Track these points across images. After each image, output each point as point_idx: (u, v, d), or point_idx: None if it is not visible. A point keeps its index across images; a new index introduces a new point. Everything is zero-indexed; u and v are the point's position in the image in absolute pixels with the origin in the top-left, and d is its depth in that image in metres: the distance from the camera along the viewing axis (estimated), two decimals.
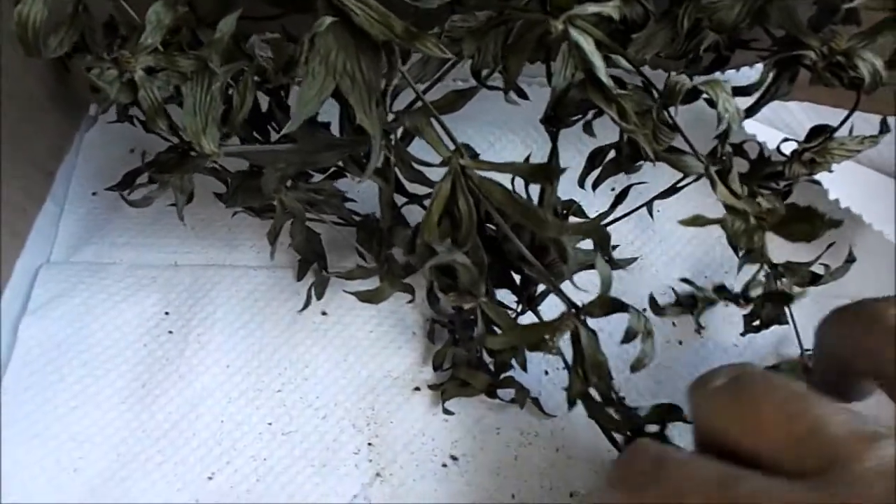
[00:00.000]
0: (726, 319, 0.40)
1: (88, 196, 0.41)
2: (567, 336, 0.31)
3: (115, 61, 0.24)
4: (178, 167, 0.28)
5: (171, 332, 0.37)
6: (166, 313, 0.38)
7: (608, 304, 0.29)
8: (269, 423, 0.35)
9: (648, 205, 0.36)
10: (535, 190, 0.32)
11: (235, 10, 0.26)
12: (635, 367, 0.30)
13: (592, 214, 0.34)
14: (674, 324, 0.40)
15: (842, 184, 0.39)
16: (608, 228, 0.37)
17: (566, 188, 0.34)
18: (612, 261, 0.32)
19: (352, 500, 0.34)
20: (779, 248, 0.35)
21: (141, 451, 0.34)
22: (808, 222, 0.25)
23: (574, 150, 0.40)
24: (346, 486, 0.34)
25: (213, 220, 0.40)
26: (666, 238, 0.42)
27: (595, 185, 0.35)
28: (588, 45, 0.24)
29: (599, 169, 0.35)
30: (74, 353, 0.36)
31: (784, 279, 0.34)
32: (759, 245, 0.26)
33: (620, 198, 0.35)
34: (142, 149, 0.34)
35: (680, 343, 0.40)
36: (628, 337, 0.30)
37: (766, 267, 0.33)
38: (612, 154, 0.34)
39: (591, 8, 0.24)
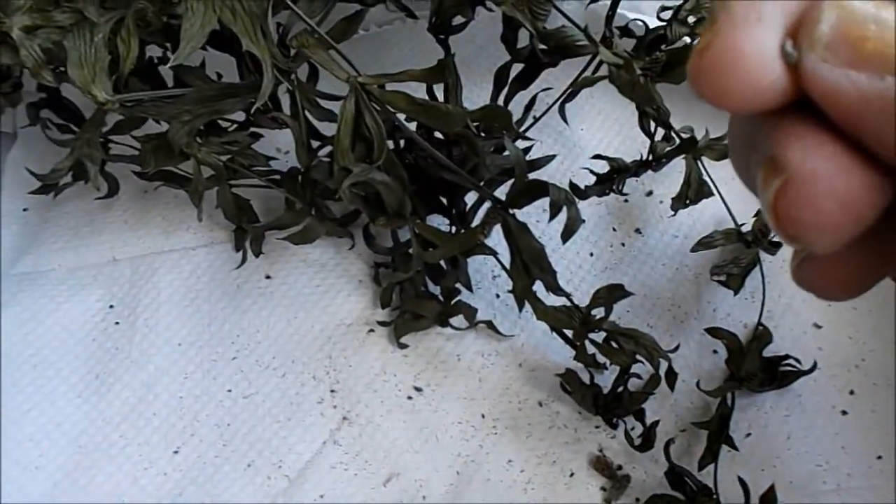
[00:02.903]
0: (664, 216, 0.41)
1: (20, 213, 0.41)
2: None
3: None
4: (86, 130, 0.28)
5: (117, 322, 0.37)
6: (111, 306, 0.37)
7: (528, 188, 0.30)
8: (229, 390, 0.35)
9: (560, 108, 0.37)
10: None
11: None
12: (564, 235, 0.30)
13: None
14: (614, 229, 0.41)
15: None
16: (530, 145, 0.38)
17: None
18: (528, 163, 0.32)
19: (321, 446, 0.34)
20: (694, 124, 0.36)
21: (103, 439, 0.34)
22: (686, 63, 0.26)
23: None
24: (315, 434, 0.34)
25: (146, 210, 0.40)
26: (590, 142, 0.43)
27: (506, 102, 0.36)
28: None
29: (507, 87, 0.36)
30: (24, 357, 0.36)
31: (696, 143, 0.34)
32: (648, 95, 0.26)
33: (530, 105, 0.36)
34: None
35: (623, 245, 0.40)
36: (553, 211, 0.30)
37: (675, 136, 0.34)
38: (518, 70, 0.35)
39: None
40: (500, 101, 0.36)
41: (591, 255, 0.40)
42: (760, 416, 0.35)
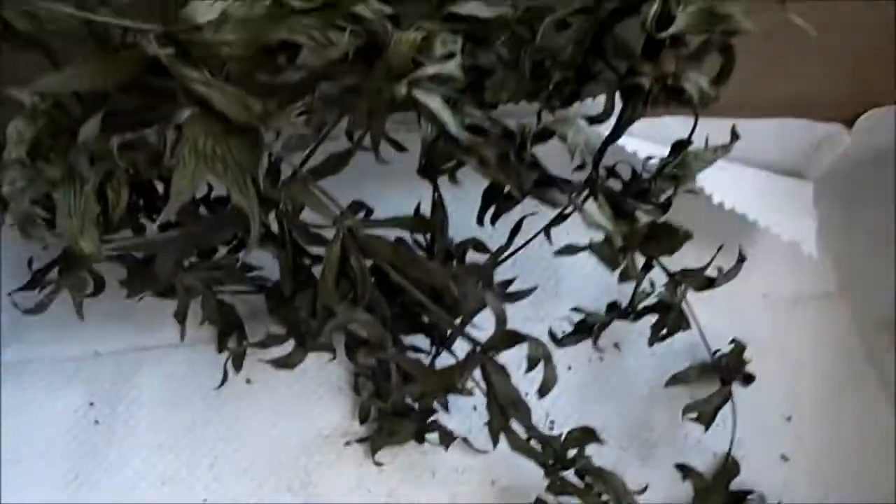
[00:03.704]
0: (642, 333, 0.41)
1: (6, 297, 0.41)
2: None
3: None
4: (70, 265, 0.29)
5: (97, 421, 0.37)
6: (91, 404, 0.38)
7: (506, 338, 0.31)
8: (204, 499, 0.36)
9: (546, 233, 0.37)
10: None
11: (97, 113, 0.26)
12: (542, 391, 0.31)
13: (496, 247, 0.36)
14: (593, 343, 0.41)
15: (733, 189, 0.41)
16: (518, 258, 0.39)
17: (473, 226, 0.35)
18: (507, 295, 0.33)
19: None
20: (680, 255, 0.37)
21: None
22: (668, 237, 0.26)
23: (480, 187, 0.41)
24: None
25: (131, 304, 0.41)
26: (579, 260, 0.44)
27: (493, 221, 0.36)
28: (434, 103, 0.26)
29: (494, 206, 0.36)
30: (3, 454, 0.36)
31: (681, 286, 0.35)
32: (628, 265, 0.27)
33: (515, 231, 0.36)
34: (56, 246, 0.35)
35: (601, 359, 0.41)
36: (531, 365, 0.31)
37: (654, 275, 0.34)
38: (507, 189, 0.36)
39: (430, 70, 0.25)
40: (487, 222, 0.37)
41: (570, 368, 0.41)
42: None
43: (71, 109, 0.26)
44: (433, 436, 0.37)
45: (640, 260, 0.36)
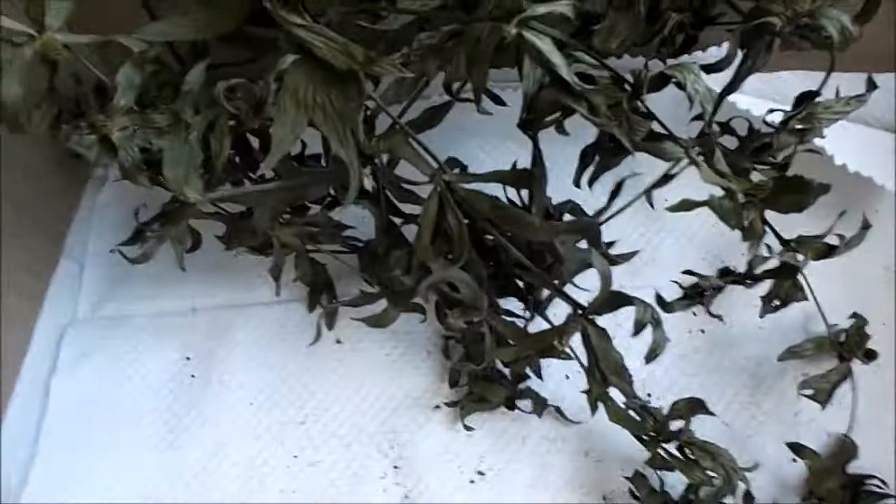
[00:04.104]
0: (749, 303, 0.39)
1: (107, 253, 0.42)
2: (580, 338, 0.30)
3: (91, 126, 0.25)
4: (172, 219, 0.29)
5: (193, 376, 0.38)
6: (188, 358, 0.39)
7: (611, 300, 0.29)
8: (295, 456, 0.36)
9: (647, 195, 0.35)
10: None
11: (203, 59, 0.26)
12: (649, 357, 0.29)
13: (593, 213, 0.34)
14: (694, 314, 0.39)
15: (857, 151, 0.37)
16: (612, 224, 0.37)
17: (569, 189, 0.34)
18: (608, 256, 0.31)
19: None
20: (792, 222, 0.34)
21: (171, 495, 0.35)
22: (798, 192, 0.24)
23: (575, 149, 0.40)
24: None
25: (226, 262, 0.41)
26: (677, 226, 0.41)
27: (591, 183, 0.34)
28: (545, 45, 0.24)
29: (593, 166, 0.34)
30: (103, 407, 0.37)
31: (798, 254, 0.32)
32: (753, 221, 0.25)
33: (615, 192, 0.35)
34: (154, 202, 0.35)
35: (703, 332, 0.39)
36: (637, 329, 0.29)
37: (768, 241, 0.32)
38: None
39: (541, 9, 0.23)
40: (585, 183, 0.35)
41: (669, 339, 0.38)
42: None
43: (173, 62, 0.26)
44: (524, 403, 0.36)
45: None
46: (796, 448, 0.33)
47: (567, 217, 0.34)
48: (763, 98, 0.36)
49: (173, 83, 0.27)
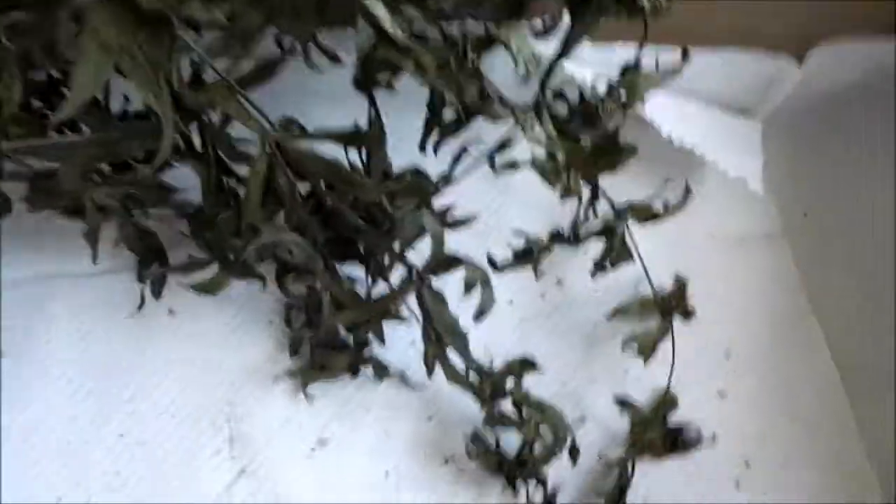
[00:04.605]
0: (585, 268, 0.40)
1: None
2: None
3: None
4: None
5: (3, 354, 0.35)
6: None
7: (443, 261, 0.29)
8: (121, 435, 0.34)
9: (490, 160, 0.35)
10: None
11: None
12: (477, 316, 0.30)
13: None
14: (535, 279, 0.40)
15: (681, 123, 0.40)
16: (462, 194, 0.37)
17: (419, 158, 0.33)
18: (444, 220, 0.31)
19: (216, 499, 0.33)
20: (625, 191, 0.36)
21: None
22: (611, 154, 0.25)
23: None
24: (210, 487, 0.33)
25: (40, 229, 0.37)
26: (523, 193, 0.42)
27: (435, 149, 0.34)
28: None
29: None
30: None
31: (623, 218, 0.34)
32: (573, 181, 0.25)
33: (457, 158, 0.35)
34: None
35: (542, 297, 0.40)
36: (467, 288, 0.29)
37: (599, 208, 0.33)
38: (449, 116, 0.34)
39: None
40: (429, 150, 0.35)
41: (511, 303, 0.39)
42: (659, 482, 0.36)
43: None
44: (368, 371, 0.36)
45: (586, 191, 0.35)
46: (622, 402, 0.35)
47: None
48: (599, 69, 0.38)
49: None
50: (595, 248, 0.36)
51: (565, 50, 0.29)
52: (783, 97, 0.41)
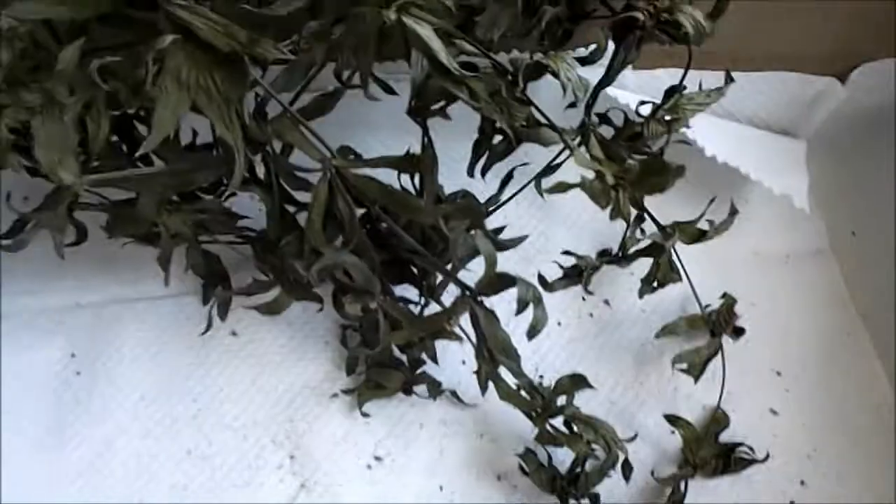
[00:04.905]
0: (632, 289, 0.41)
1: None
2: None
3: None
4: (49, 204, 0.28)
5: (78, 372, 0.37)
6: (73, 355, 0.37)
7: (496, 280, 0.30)
8: (188, 451, 0.35)
9: (536, 183, 0.37)
10: None
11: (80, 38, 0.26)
12: (530, 333, 0.30)
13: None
14: (583, 298, 0.41)
15: (726, 143, 0.40)
16: (508, 216, 0.38)
17: (468, 182, 0.35)
18: (495, 241, 0.32)
19: None
20: (672, 210, 0.37)
21: (58, 496, 0.33)
22: (659, 174, 0.26)
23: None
24: (272, 501, 0.34)
25: (113, 255, 0.40)
26: (569, 216, 0.43)
27: (483, 173, 0.36)
28: (424, 30, 0.25)
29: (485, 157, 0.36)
30: None
31: (671, 238, 0.35)
32: (622, 202, 0.26)
33: (506, 181, 0.36)
34: (37, 194, 0.34)
35: (591, 315, 0.41)
36: (521, 307, 0.30)
37: (646, 228, 0.34)
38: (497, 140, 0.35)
39: None
40: (477, 173, 0.36)
41: (559, 324, 0.40)
42: (712, 501, 0.36)
43: (48, 41, 0.25)
44: (421, 389, 0.37)
45: (633, 212, 0.36)
46: (673, 420, 0.35)
47: None
48: (643, 94, 0.39)
49: (48, 63, 0.26)
50: (642, 268, 0.37)
51: (610, 75, 0.30)
52: (827, 116, 0.41)
